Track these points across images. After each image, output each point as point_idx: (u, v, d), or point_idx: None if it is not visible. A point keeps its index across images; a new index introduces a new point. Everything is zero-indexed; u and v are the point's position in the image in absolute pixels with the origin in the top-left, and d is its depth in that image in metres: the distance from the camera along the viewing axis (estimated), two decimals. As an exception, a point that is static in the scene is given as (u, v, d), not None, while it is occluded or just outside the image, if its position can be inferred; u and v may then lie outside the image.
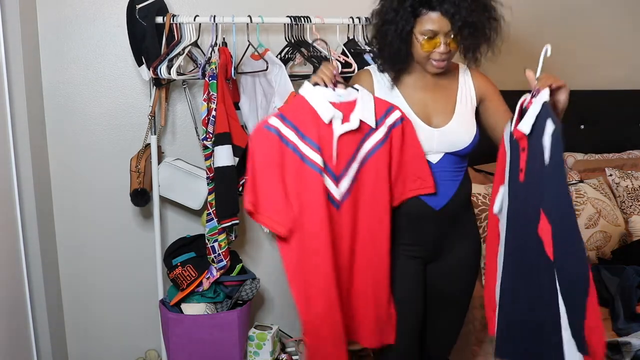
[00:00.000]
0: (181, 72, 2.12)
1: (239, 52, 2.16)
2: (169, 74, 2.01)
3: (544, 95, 1.29)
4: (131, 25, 2.06)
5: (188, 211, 2.38)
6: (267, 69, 2.05)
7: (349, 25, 2.19)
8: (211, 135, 2.02)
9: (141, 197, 2.20)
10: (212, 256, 2.11)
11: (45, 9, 2.20)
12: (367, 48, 2.16)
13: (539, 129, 1.28)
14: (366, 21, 2.16)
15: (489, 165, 2.58)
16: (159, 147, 2.27)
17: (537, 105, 1.28)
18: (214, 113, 2.00)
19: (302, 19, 2.13)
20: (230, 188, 2.03)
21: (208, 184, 2.07)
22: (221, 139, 2.00)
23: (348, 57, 2.11)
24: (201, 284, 2.15)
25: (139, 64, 2.12)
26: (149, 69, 2.04)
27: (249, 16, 2.09)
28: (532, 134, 1.31)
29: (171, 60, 2.03)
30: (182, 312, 2.16)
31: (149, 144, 2.21)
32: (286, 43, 2.19)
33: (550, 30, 2.73)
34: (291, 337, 2.57)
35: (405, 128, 1.54)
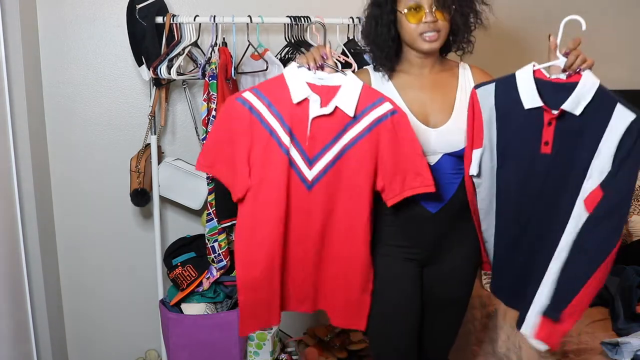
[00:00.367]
0: (181, 72, 2.12)
1: (239, 52, 2.16)
2: (169, 74, 2.01)
3: (592, 78, 1.38)
4: (131, 25, 2.06)
5: (188, 211, 2.38)
6: (267, 69, 2.05)
7: (349, 25, 2.19)
8: (211, 135, 2.02)
9: (141, 197, 2.20)
10: (212, 256, 2.11)
11: (45, 9, 2.20)
12: (367, 48, 2.16)
13: (592, 111, 1.35)
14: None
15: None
16: (159, 147, 2.27)
17: (586, 88, 1.36)
18: (214, 113, 2.00)
19: (302, 19, 2.13)
20: (230, 188, 2.03)
21: (208, 184, 2.07)
22: (221, 139, 2.00)
23: (348, 57, 2.11)
24: (201, 284, 2.15)
25: (139, 64, 2.12)
26: (149, 69, 2.05)
27: (249, 16, 2.09)
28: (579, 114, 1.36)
29: (171, 60, 2.03)
30: (182, 312, 2.16)
31: (149, 144, 2.21)
32: (286, 43, 2.19)
33: (550, 30, 2.72)
34: (291, 337, 2.57)
35: (398, 122, 1.49)
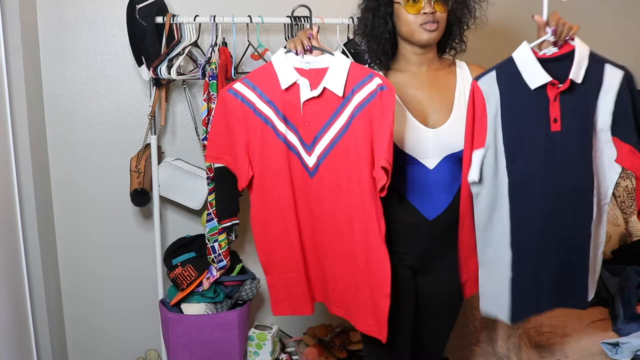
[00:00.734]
0: (181, 72, 2.12)
1: (239, 52, 2.16)
2: (169, 74, 2.01)
3: (582, 43, 1.38)
4: (131, 25, 2.07)
5: (188, 211, 2.38)
6: (267, 69, 2.05)
7: (349, 25, 2.19)
8: (211, 135, 2.03)
9: (141, 197, 2.20)
10: (212, 256, 2.11)
11: (46, 9, 2.20)
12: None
13: (587, 76, 1.36)
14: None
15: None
16: (159, 147, 2.27)
17: (582, 54, 1.37)
18: (214, 113, 2.00)
19: (302, 19, 2.13)
20: (230, 188, 2.02)
21: (208, 184, 2.07)
22: (221, 139, 2.00)
23: (348, 57, 2.11)
24: (201, 284, 2.15)
25: (139, 64, 2.12)
26: (149, 69, 2.05)
27: (249, 16, 2.09)
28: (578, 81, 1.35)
29: (171, 60, 2.03)
30: (182, 312, 2.16)
31: (149, 144, 2.21)
32: (286, 43, 2.19)
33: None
34: (291, 337, 2.57)
35: (386, 98, 1.41)
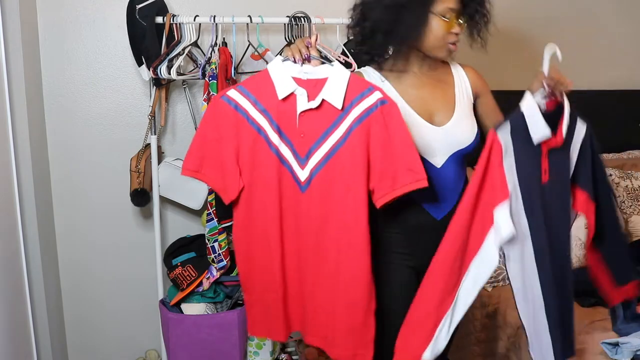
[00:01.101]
0: (181, 72, 2.12)
1: (239, 52, 2.16)
2: (169, 74, 2.01)
3: (566, 101, 1.42)
4: (131, 26, 2.06)
5: (188, 211, 2.38)
6: (267, 69, 2.05)
7: (349, 25, 2.19)
8: (211, 135, 2.02)
9: (141, 197, 2.20)
10: (212, 256, 2.11)
11: (46, 9, 2.20)
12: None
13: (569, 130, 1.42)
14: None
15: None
16: (159, 147, 2.27)
17: (567, 110, 1.41)
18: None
19: (302, 19, 2.13)
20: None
21: (208, 184, 2.07)
22: (221, 139, 2.00)
23: (348, 57, 2.11)
24: (201, 284, 2.15)
25: (139, 64, 2.12)
26: (149, 69, 2.05)
27: (249, 16, 2.09)
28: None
29: (171, 60, 2.03)
30: (182, 312, 2.16)
31: (149, 144, 2.21)
32: (286, 43, 2.19)
33: (550, 30, 2.72)
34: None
35: (389, 112, 1.39)
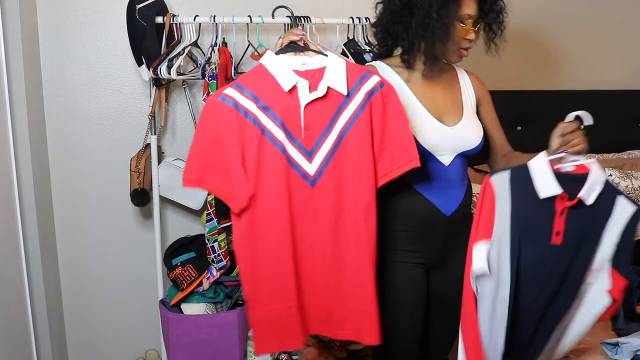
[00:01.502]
0: (181, 72, 2.12)
1: (239, 52, 2.16)
2: (169, 74, 2.01)
3: (600, 170, 1.38)
4: (131, 25, 2.06)
5: (188, 211, 2.38)
6: (267, 69, 2.05)
7: (349, 25, 2.19)
8: (211, 135, 2.02)
9: (141, 197, 2.20)
10: (212, 256, 2.11)
11: (46, 9, 2.20)
12: (367, 48, 2.16)
13: (599, 201, 1.37)
14: (366, 21, 2.16)
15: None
16: (159, 147, 2.27)
17: (597, 179, 1.36)
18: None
19: (302, 19, 2.13)
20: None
21: (208, 184, 2.07)
22: (221, 139, 2.00)
23: (348, 57, 2.11)
24: (201, 284, 2.15)
25: (139, 64, 2.12)
26: (149, 69, 2.04)
27: (249, 16, 2.09)
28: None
29: (171, 60, 2.03)
30: (182, 312, 2.16)
31: (149, 144, 2.21)
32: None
33: (549, 30, 2.73)
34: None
35: (387, 94, 1.40)
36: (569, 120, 1.38)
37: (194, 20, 2.06)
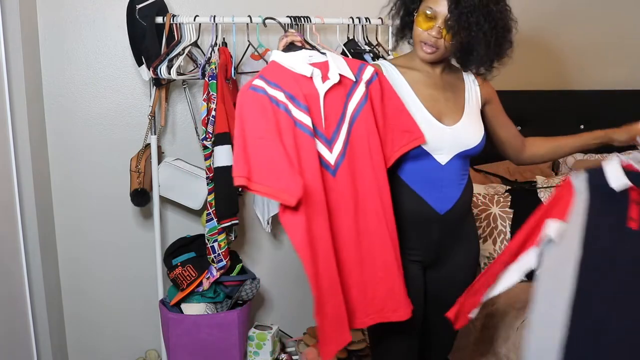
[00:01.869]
0: (181, 72, 2.12)
1: (239, 52, 2.16)
2: (169, 74, 2.01)
3: None
4: (131, 26, 2.07)
5: (188, 211, 2.38)
6: (267, 69, 2.05)
7: (349, 25, 2.19)
8: (211, 135, 2.02)
9: (141, 197, 2.20)
10: (212, 256, 2.11)
11: (46, 9, 2.20)
12: (367, 48, 2.16)
13: None
14: (366, 21, 2.16)
15: (489, 165, 2.59)
16: (159, 147, 2.27)
17: None
18: (213, 113, 2.00)
19: (302, 19, 2.13)
20: (229, 188, 2.02)
21: (208, 184, 2.08)
22: (221, 139, 2.00)
23: (348, 57, 2.11)
24: (201, 284, 2.15)
25: (139, 64, 2.12)
26: (149, 69, 2.05)
27: (249, 16, 2.09)
28: None
29: (171, 60, 2.03)
30: (182, 312, 2.16)
31: (149, 144, 2.21)
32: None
33: (550, 30, 2.73)
34: (291, 337, 2.57)
35: (383, 82, 1.48)
36: None
37: (194, 20, 2.06)
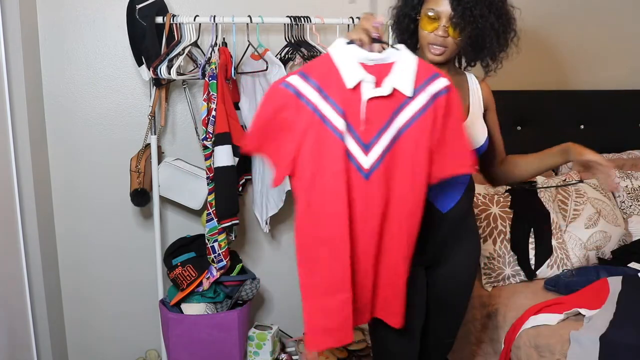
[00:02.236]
0: (181, 72, 2.12)
1: (239, 52, 2.16)
2: (169, 74, 2.01)
3: None
4: (131, 26, 2.07)
5: (188, 211, 2.38)
6: (267, 69, 2.05)
7: (348, 25, 2.19)
8: (211, 135, 2.02)
9: (141, 197, 2.20)
10: (212, 256, 2.11)
11: (46, 9, 2.20)
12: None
13: None
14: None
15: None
16: (159, 147, 2.27)
17: None
18: (213, 113, 2.00)
19: (302, 19, 2.13)
20: (230, 188, 2.03)
21: (208, 184, 2.08)
22: (221, 139, 2.00)
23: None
24: (201, 284, 2.15)
25: (139, 64, 2.12)
26: (149, 69, 2.05)
27: (249, 16, 2.09)
28: None
29: (171, 60, 2.03)
30: (182, 312, 2.16)
31: (149, 144, 2.21)
32: (286, 43, 2.19)
33: (550, 30, 2.73)
34: (291, 337, 2.57)
35: (452, 98, 1.42)
36: None
37: (194, 20, 2.06)
